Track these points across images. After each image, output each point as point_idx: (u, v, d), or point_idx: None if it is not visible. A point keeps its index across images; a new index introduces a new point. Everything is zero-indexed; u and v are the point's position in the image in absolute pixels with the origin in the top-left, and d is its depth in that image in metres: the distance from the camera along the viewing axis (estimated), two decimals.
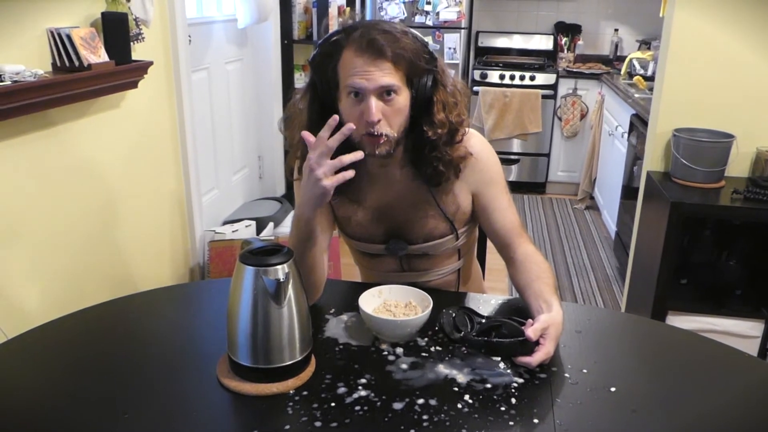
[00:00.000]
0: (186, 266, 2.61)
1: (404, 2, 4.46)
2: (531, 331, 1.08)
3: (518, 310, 1.26)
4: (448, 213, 1.35)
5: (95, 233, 1.96)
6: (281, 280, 1.01)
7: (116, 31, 1.85)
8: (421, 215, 1.35)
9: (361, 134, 1.20)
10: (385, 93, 1.18)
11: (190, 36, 2.51)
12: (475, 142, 1.34)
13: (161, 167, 2.35)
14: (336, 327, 1.23)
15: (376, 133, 1.19)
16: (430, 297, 1.21)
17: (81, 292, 1.87)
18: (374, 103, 1.17)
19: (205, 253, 2.66)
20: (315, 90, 1.26)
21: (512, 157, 4.64)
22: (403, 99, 1.20)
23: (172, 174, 2.44)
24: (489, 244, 1.48)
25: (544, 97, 4.42)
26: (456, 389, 1.05)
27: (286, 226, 3.11)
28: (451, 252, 1.44)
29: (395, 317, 1.18)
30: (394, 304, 1.23)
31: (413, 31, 1.23)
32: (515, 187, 4.63)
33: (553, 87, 4.45)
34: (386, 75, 1.16)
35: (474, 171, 1.33)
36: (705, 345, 1.27)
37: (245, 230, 2.87)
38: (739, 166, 2.37)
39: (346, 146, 1.14)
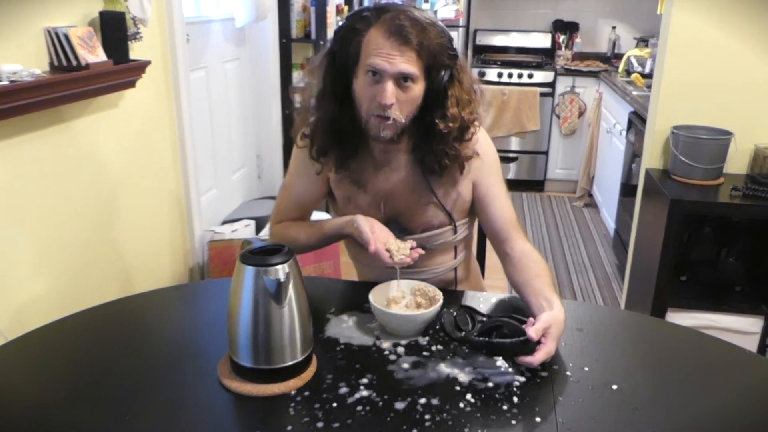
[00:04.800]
0: (185, 266, 2.60)
1: (402, 0, 4.45)
2: (533, 330, 1.07)
3: (518, 309, 1.26)
4: (449, 201, 1.38)
5: (93, 233, 1.95)
6: (282, 280, 1.01)
7: (114, 30, 1.85)
8: (423, 202, 1.37)
9: (371, 114, 1.24)
10: (402, 79, 1.21)
11: (188, 35, 2.50)
12: (479, 134, 1.37)
13: (160, 167, 2.35)
14: (337, 327, 1.23)
15: (385, 116, 1.22)
16: (438, 290, 1.23)
17: (80, 294, 1.86)
18: (390, 87, 1.21)
19: (204, 253, 2.65)
20: (333, 60, 1.28)
21: (511, 155, 4.64)
22: (418, 88, 1.23)
23: (171, 174, 2.43)
24: (489, 242, 1.48)
25: (542, 95, 4.42)
26: (458, 388, 1.05)
27: None
28: (448, 248, 1.45)
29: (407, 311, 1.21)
30: (401, 297, 1.25)
31: (441, 23, 1.25)
32: (513, 185, 4.62)
33: (551, 85, 4.45)
34: (407, 62, 1.20)
35: (475, 159, 1.36)
36: (705, 342, 1.27)
37: (244, 230, 2.86)
38: (737, 163, 2.37)
39: (355, 128, 1.24)
